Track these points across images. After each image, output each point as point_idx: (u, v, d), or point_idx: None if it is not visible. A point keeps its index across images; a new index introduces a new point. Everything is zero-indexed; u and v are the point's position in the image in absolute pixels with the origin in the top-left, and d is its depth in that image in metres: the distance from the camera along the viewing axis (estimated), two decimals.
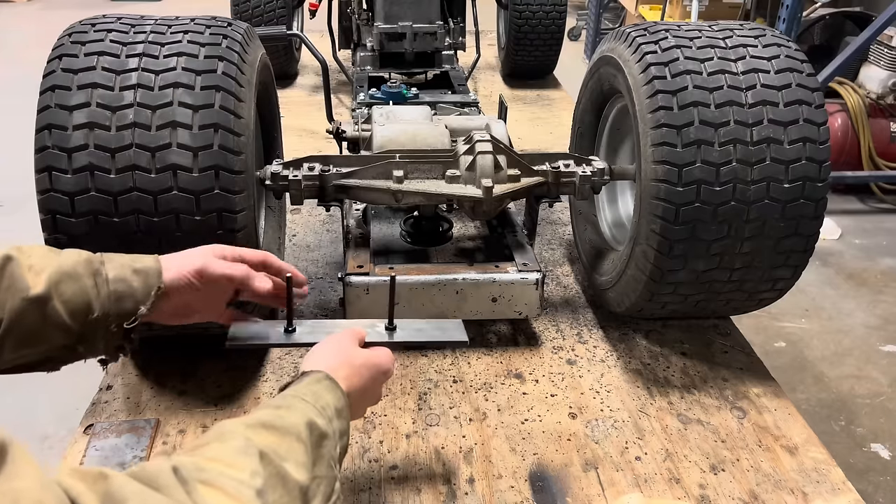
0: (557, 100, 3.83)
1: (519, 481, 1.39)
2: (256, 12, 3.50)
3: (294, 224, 2.36)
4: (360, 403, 1.08)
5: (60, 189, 1.32)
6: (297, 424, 0.85)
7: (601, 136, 2.03)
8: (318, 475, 0.83)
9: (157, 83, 1.36)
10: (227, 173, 1.36)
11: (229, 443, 0.77)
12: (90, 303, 1.05)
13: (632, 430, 1.53)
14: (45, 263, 1.03)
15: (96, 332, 1.07)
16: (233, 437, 0.78)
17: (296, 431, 0.84)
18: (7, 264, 0.99)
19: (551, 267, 2.16)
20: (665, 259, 1.50)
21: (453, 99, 2.81)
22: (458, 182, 1.68)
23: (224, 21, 1.54)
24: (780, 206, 1.45)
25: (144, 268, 1.11)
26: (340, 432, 0.93)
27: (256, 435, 0.80)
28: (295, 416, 0.86)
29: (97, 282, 1.06)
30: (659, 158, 1.45)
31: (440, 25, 3.20)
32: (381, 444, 1.47)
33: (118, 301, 1.07)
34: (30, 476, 0.51)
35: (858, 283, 3.56)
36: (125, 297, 1.07)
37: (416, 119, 2.00)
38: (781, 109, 1.45)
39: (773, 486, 1.40)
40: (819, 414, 2.69)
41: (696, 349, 1.80)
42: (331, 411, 0.92)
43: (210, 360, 1.67)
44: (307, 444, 0.84)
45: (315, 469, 0.83)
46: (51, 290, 1.01)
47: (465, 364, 1.71)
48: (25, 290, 0.99)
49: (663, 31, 1.57)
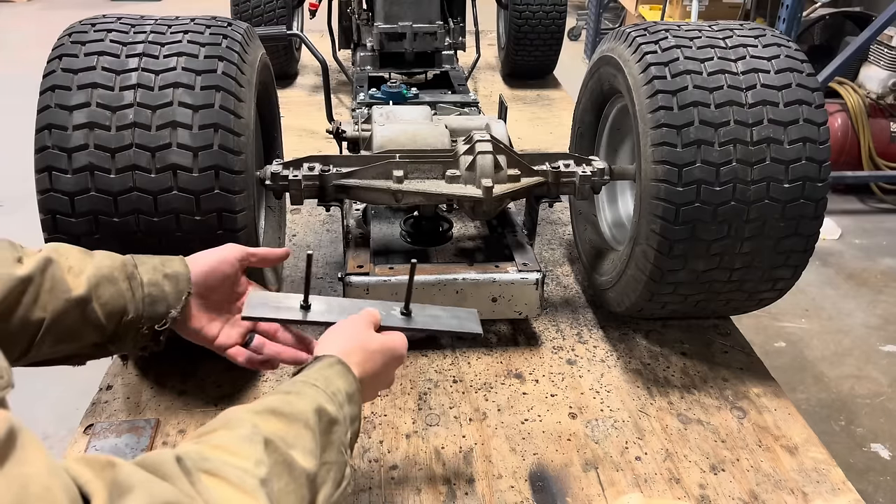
0: (557, 100, 3.83)
1: (519, 481, 1.39)
2: (256, 12, 3.50)
3: (294, 224, 2.36)
4: (373, 387, 1.08)
5: (60, 189, 1.32)
6: (306, 411, 0.84)
7: (601, 136, 2.03)
8: (328, 461, 0.83)
9: (157, 83, 1.36)
10: (227, 173, 1.36)
11: (235, 430, 0.77)
12: (125, 305, 1.10)
13: (632, 430, 1.53)
14: (83, 265, 1.08)
15: (128, 332, 1.12)
16: (239, 425, 0.78)
17: (304, 418, 0.83)
18: (48, 266, 1.03)
19: (551, 267, 2.16)
20: (665, 259, 1.50)
21: (453, 99, 2.81)
22: (458, 182, 1.68)
23: (224, 21, 1.54)
24: (780, 206, 1.45)
25: (175, 273, 1.16)
26: (351, 418, 0.93)
27: (264, 422, 0.80)
28: (304, 402, 0.86)
29: (132, 285, 1.11)
30: (659, 158, 1.45)
31: (440, 25, 3.20)
32: (381, 444, 1.47)
33: (152, 304, 1.13)
34: (39, 462, 0.52)
35: (858, 283, 3.55)
36: (158, 300, 1.13)
37: (416, 119, 2.00)
38: (781, 109, 1.45)
39: (773, 486, 1.40)
40: (819, 414, 2.69)
41: (696, 349, 1.80)
42: (342, 396, 0.92)
43: (210, 360, 1.67)
44: (315, 430, 0.83)
45: (324, 455, 0.83)
46: (91, 292, 1.06)
47: (465, 364, 1.71)
48: (67, 292, 1.04)
49: (663, 31, 1.57)
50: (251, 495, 0.68)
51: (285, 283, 2.02)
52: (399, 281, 1.66)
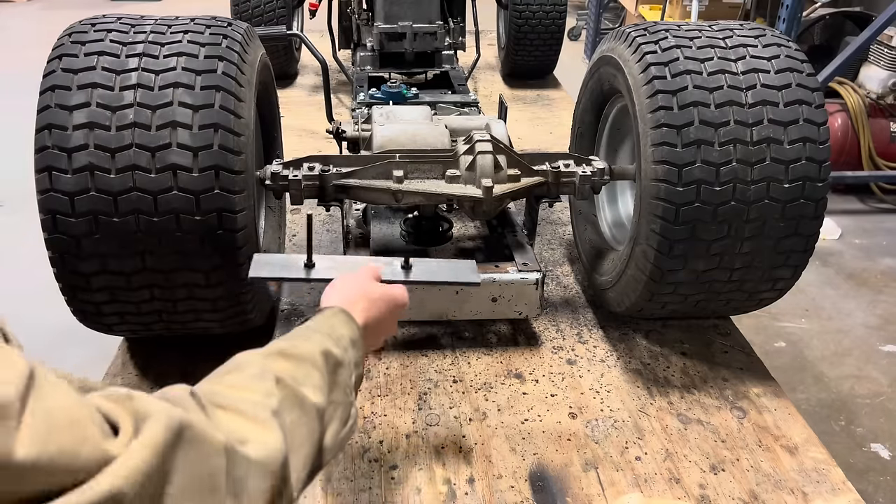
0: (557, 100, 3.83)
1: (519, 481, 1.39)
2: (256, 12, 3.50)
3: (294, 224, 2.36)
4: (377, 334, 1.10)
5: (60, 189, 1.32)
6: (313, 352, 0.87)
7: (601, 136, 2.03)
8: (335, 400, 0.85)
9: (157, 83, 1.36)
10: (227, 173, 1.36)
11: (246, 371, 0.78)
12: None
13: (632, 430, 1.53)
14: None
15: None
16: (249, 366, 0.79)
17: (311, 358, 0.85)
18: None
19: (551, 267, 2.16)
20: (665, 259, 1.50)
21: (453, 99, 2.81)
22: (458, 182, 1.68)
23: (224, 21, 1.54)
24: (780, 206, 1.45)
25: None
26: (355, 362, 0.95)
27: (273, 362, 0.81)
28: (310, 344, 0.88)
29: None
30: (659, 158, 1.45)
31: (440, 25, 3.20)
32: (381, 444, 1.47)
33: None
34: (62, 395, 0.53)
35: (858, 283, 3.55)
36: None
37: (416, 119, 2.00)
38: (781, 109, 1.45)
39: (773, 486, 1.39)
40: (819, 414, 2.68)
41: (696, 349, 1.79)
42: (346, 342, 0.94)
43: (210, 360, 1.67)
44: (323, 370, 0.85)
45: (332, 395, 0.85)
46: None
47: (465, 364, 1.71)
48: None
49: (663, 31, 1.57)
50: (264, 425, 0.70)
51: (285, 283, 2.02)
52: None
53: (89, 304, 1.46)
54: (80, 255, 1.36)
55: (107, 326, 1.55)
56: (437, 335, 1.80)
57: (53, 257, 1.37)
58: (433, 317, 1.73)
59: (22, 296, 2.73)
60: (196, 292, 1.45)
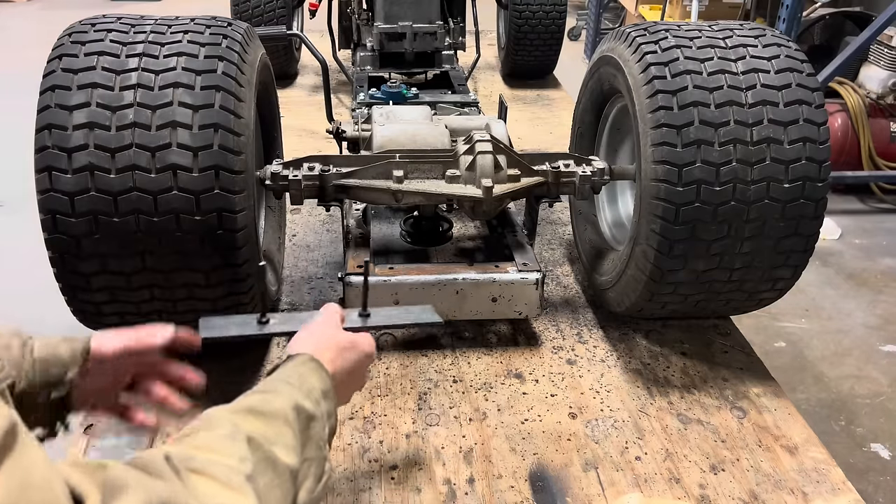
0: (557, 100, 3.82)
1: (519, 481, 1.39)
2: (256, 12, 3.50)
3: (294, 224, 2.36)
4: (346, 386, 1.07)
5: (60, 189, 1.32)
6: (284, 408, 0.85)
7: (601, 136, 2.03)
8: (308, 457, 0.84)
9: (157, 83, 1.36)
10: (227, 173, 1.36)
11: (216, 430, 0.77)
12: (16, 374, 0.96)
13: (632, 430, 1.53)
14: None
15: (25, 408, 0.97)
16: (220, 425, 0.78)
17: (283, 415, 0.84)
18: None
19: (551, 267, 2.16)
20: (665, 259, 1.50)
21: (453, 99, 2.81)
22: (458, 182, 1.68)
23: (224, 21, 1.54)
24: (780, 206, 1.45)
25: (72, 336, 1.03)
26: (328, 413, 0.93)
27: (244, 421, 0.80)
28: (281, 400, 0.86)
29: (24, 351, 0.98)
30: (659, 158, 1.45)
31: (440, 25, 3.20)
32: (381, 444, 1.47)
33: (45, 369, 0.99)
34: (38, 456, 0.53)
35: (858, 283, 3.55)
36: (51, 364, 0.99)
37: (416, 119, 2.00)
38: (781, 109, 1.45)
39: (773, 486, 1.39)
40: (819, 414, 2.68)
41: (696, 349, 1.79)
42: (317, 393, 0.93)
43: (210, 360, 1.67)
44: (295, 427, 0.84)
45: (304, 451, 0.84)
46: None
47: (465, 364, 1.71)
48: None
49: (663, 31, 1.57)
50: (239, 491, 0.69)
51: (285, 283, 2.02)
52: (399, 281, 1.66)
53: (89, 304, 1.46)
54: (80, 255, 1.36)
55: (107, 326, 1.54)
56: (437, 335, 1.80)
57: (53, 257, 1.37)
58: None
59: (22, 296, 2.73)
60: (196, 292, 1.45)
